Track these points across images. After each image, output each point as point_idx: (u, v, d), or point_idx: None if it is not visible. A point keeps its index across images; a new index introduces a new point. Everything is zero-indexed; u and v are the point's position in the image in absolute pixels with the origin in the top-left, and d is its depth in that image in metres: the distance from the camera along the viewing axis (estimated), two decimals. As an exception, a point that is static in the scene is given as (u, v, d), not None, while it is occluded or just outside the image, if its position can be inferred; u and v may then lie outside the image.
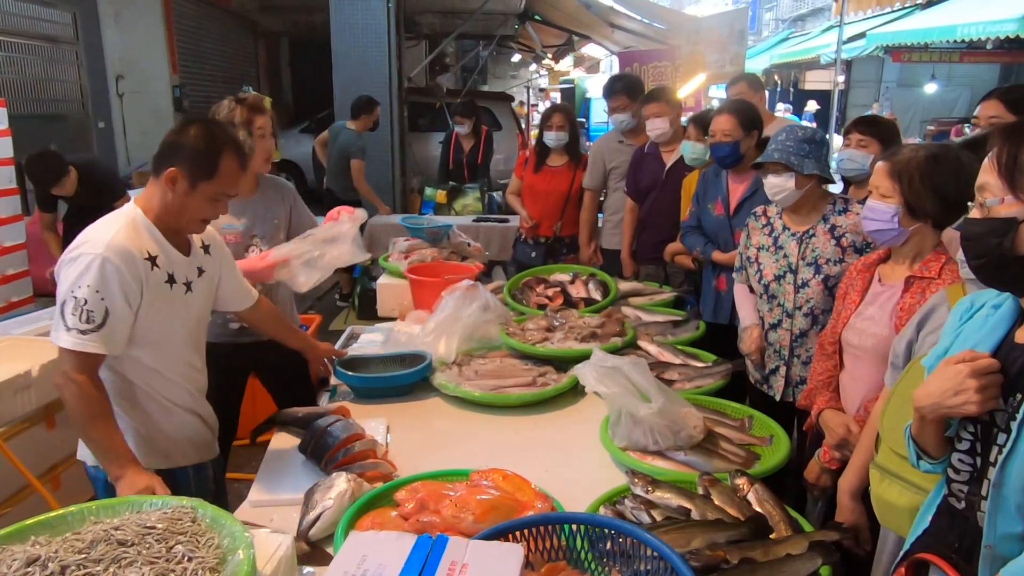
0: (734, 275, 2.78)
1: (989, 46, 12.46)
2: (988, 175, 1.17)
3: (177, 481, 1.93)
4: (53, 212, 4.62)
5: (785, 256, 2.50)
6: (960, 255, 1.32)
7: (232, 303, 2.21)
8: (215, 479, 2.13)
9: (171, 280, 1.87)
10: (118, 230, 1.78)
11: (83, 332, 1.70)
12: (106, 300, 1.72)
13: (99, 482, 1.91)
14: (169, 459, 1.96)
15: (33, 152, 4.50)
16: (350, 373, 2.45)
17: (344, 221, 2.53)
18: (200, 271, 1.98)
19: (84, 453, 1.95)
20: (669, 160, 3.80)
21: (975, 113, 2.58)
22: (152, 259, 1.82)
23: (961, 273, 1.34)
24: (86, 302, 1.69)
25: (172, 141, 1.85)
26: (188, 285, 1.92)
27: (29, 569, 0.97)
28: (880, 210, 1.93)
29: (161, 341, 1.89)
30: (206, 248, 2.03)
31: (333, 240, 2.48)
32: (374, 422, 2.17)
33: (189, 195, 1.83)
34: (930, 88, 17.46)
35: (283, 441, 2.13)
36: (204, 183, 1.83)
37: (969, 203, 1.22)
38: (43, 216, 4.60)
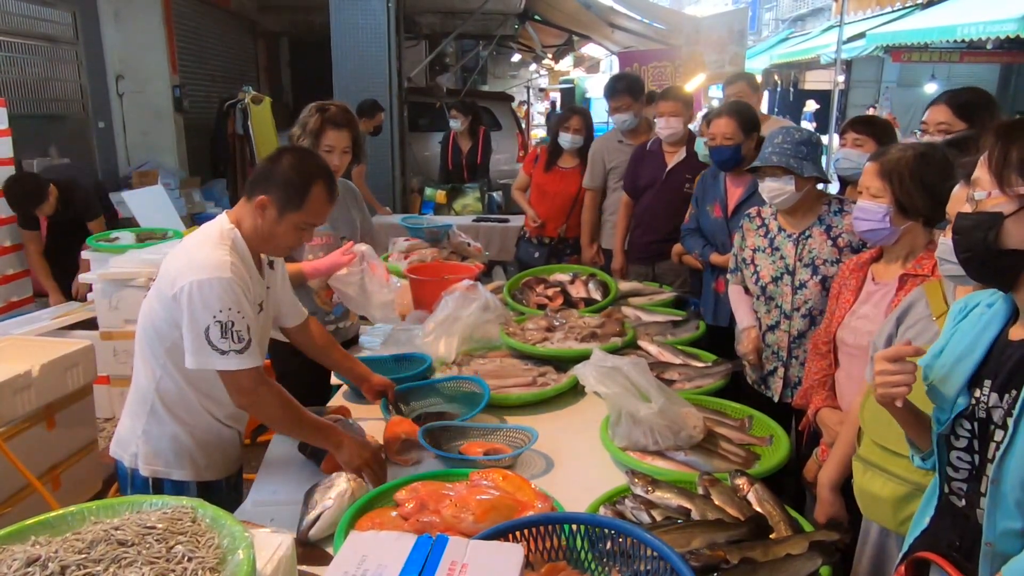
0: (728, 276, 2.77)
1: (989, 46, 12.44)
2: (981, 170, 1.19)
3: (212, 492, 1.95)
4: (36, 230, 4.57)
5: (782, 258, 2.49)
6: (938, 252, 1.33)
7: (285, 319, 2.17)
8: (236, 486, 2.14)
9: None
10: (227, 252, 1.78)
11: (240, 352, 1.73)
12: (246, 318, 1.75)
13: (126, 479, 1.93)
14: (205, 471, 1.97)
15: (10, 176, 4.45)
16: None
17: (392, 287, 2.61)
18: (267, 289, 1.98)
19: (118, 451, 1.96)
20: (671, 161, 3.78)
21: (923, 119, 2.48)
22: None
23: (941, 270, 1.35)
24: (233, 324, 1.71)
25: (266, 168, 1.86)
26: (260, 305, 1.91)
27: (29, 569, 0.98)
28: (871, 210, 1.94)
29: None
30: (270, 264, 2.03)
31: (377, 292, 2.54)
32: (374, 422, 2.17)
33: (277, 223, 1.84)
34: (930, 88, 17.40)
35: (283, 441, 2.13)
36: (292, 213, 1.84)
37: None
38: (25, 233, 4.56)
